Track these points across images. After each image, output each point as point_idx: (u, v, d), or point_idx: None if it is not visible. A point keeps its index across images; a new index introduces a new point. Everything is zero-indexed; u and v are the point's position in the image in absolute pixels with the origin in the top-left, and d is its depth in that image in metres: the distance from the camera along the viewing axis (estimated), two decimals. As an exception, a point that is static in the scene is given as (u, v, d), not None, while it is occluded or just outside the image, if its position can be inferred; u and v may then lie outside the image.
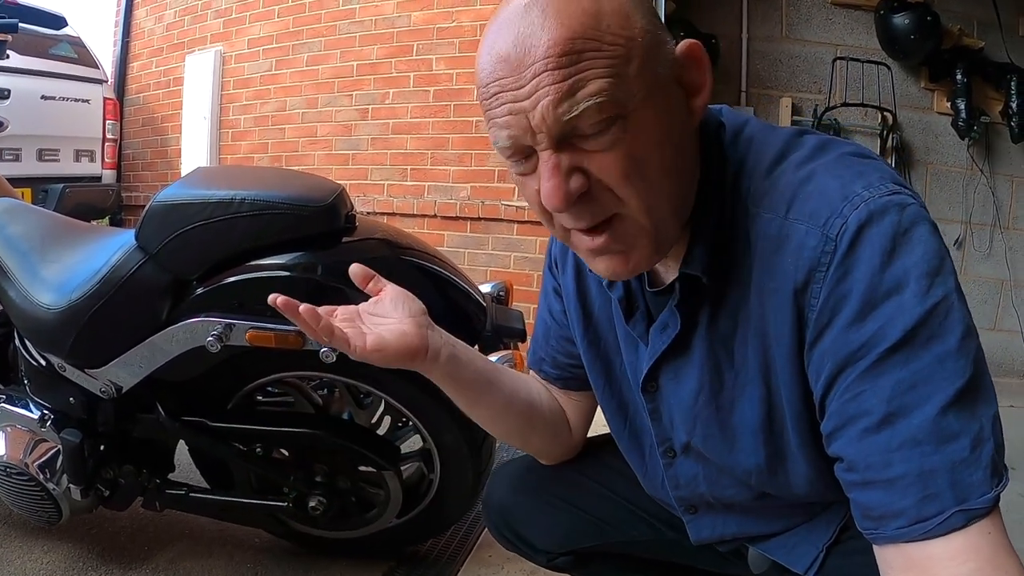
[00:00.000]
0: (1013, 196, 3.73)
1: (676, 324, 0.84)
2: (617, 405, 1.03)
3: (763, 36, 3.82)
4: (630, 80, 0.67)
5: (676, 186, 0.74)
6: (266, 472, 1.68)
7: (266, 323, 1.44)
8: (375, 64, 4.22)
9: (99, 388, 1.56)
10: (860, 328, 0.67)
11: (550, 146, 0.68)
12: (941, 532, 0.64)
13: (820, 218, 0.70)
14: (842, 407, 0.69)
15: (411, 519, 1.76)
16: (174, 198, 1.45)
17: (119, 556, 1.83)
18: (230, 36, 4.80)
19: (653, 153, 0.70)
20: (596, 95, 0.65)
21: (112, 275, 1.48)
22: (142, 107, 5.46)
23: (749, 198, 0.76)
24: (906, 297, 0.66)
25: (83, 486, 1.59)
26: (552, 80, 0.65)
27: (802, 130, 0.80)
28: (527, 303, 3.57)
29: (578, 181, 0.69)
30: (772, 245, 0.74)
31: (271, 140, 4.64)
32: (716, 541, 1.05)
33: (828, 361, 0.70)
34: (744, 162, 0.78)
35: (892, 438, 0.65)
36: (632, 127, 0.68)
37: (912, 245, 0.67)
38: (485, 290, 1.73)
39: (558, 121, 0.66)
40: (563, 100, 0.65)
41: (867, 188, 0.69)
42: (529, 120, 0.67)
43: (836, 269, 0.68)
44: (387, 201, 4.15)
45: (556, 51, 0.65)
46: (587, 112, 0.66)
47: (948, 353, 0.65)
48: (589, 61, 0.65)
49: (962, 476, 0.63)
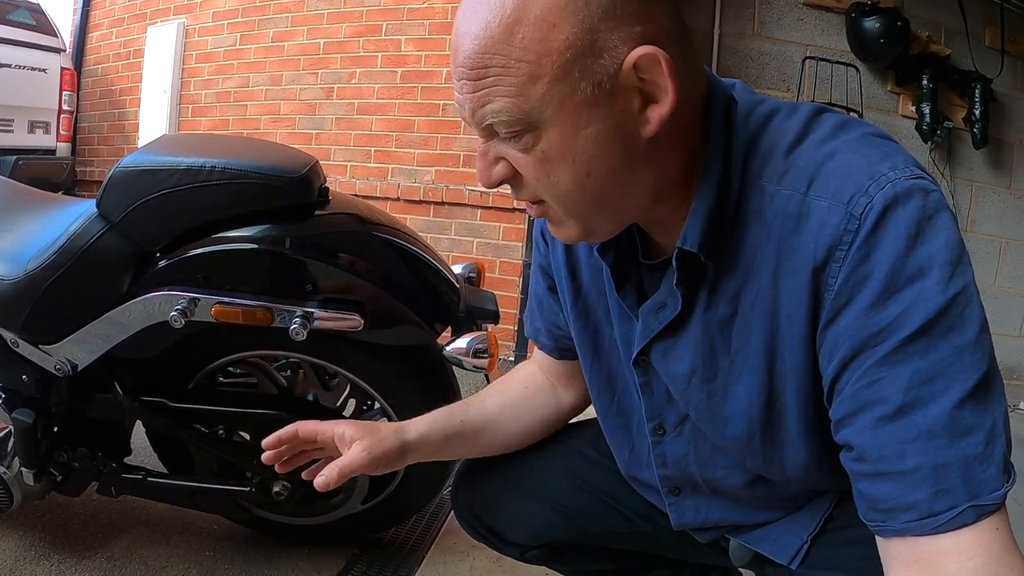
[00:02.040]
0: (972, 201, 3.80)
1: (676, 306, 0.82)
2: (605, 380, 1.01)
3: (735, 32, 3.83)
4: (535, 98, 0.67)
5: (604, 192, 0.73)
6: (228, 455, 1.62)
7: (233, 298, 1.39)
8: (342, 42, 4.16)
9: (54, 365, 1.48)
10: (880, 312, 0.65)
11: (480, 135, 0.74)
12: (952, 527, 0.63)
13: (844, 195, 0.68)
14: (856, 393, 0.68)
15: (376, 505, 1.72)
16: (139, 164, 1.39)
17: (73, 544, 1.76)
18: (194, 8, 4.68)
19: (565, 165, 0.71)
20: (498, 113, 0.69)
21: (71, 245, 1.40)
22: (100, 79, 5.30)
23: (765, 176, 0.74)
24: (928, 284, 0.64)
25: (35, 470, 1.52)
26: (467, 89, 0.69)
27: (820, 107, 0.78)
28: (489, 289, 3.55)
29: (502, 170, 0.75)
30: (791, 223, 0.71)
31: (232, 117, 4.55)
32: (698, 527, 1.03)
33: (844, 343, 0.68)
34: (758, 140, 0.76)
35: (908, 429, 0.64)
36: (543, 139, 0.70)
37: (936, 231, 0.65)
38: (457, 271, 1.70)
39: (477, 124, 0.72)
40: (476, 109, 0.70)
41: (893, 169, 0.67)
42: (463, 110, 0.72)
43: (859, 249, 0.66)
44: (350, 183, 4.09)
45: (468, 64, 0.68)
46: (495, 124, 0.70)
47: (967, 345, 0.64)
48: (494, 78, 0.67)
49: (975, 471, 0.63)
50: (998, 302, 3.79)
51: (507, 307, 3.63)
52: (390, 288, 1.44)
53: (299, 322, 1.37)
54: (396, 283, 1.46)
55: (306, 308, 1.38)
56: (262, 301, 1.39)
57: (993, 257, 3.83)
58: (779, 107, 0.79)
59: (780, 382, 0.78)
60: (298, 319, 1.37)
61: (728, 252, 0.77)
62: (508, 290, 3.69)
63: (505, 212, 3.71)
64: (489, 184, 0.76)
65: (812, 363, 0.74)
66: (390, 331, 1.45)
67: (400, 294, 1.45)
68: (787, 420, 0.80)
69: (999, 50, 3.59)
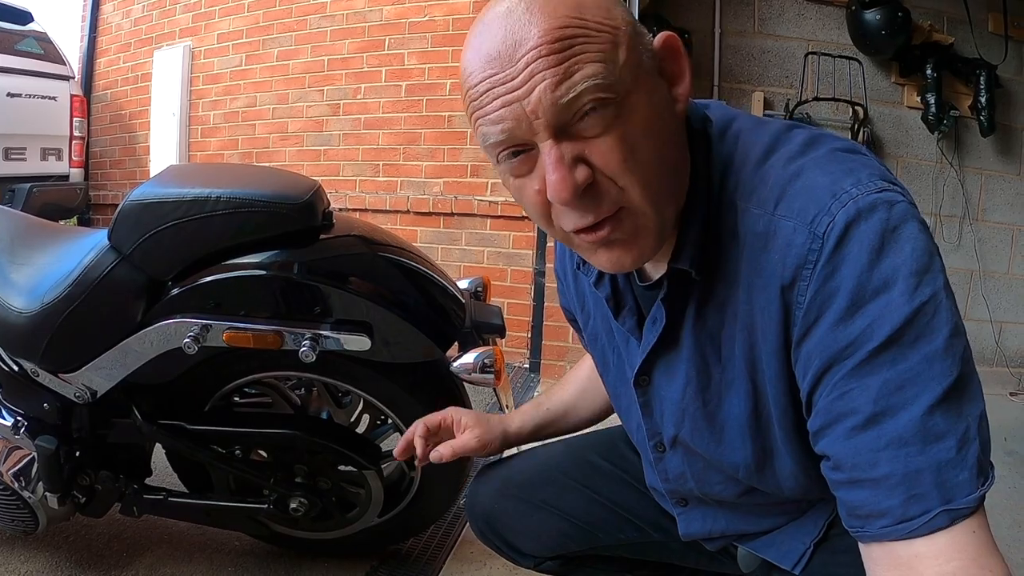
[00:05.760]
0: (982, 189, 3.79)
1: (662, 318, 0.84)
2: (617, 398, 1.05)
3: (735, 31, 3.83)
4: (619, 66, 0.68)
5: (670, 174, 0.75)
6: (245, 474, 1.65)
7: (243, 323, 1.42)
8: (346, 59, 4.19)
9: (74, 393, 1.52)
10: (848, 326, 0.67)
11: (550, 135, 0.68)
12: (925, 532, 0.64)
13: (808, 215, 0.69)
14: (829, 405, 0.69)
15: (392, 518, 1.75)
16: (147, 197, 1.42)
17: (98, 563, 1.80)
18: (199, 31, 4.73)
19: (647, 139, 0.70)
20: (592, 77, 0.66)
21: (85, 277, 1.44)
22: (110, 104, 5.36)
23: (737, 193, 0.76)
24: (894, 296, 0.65)
25: (59, 493, 1.56)
26: (547, 65, 0.65)
27: (792, 124, 0.80)
28: (501, 298, 3.57)
29: (583, 172, 0.69)
30: (759, 241, 0.73)
31: (241, 136, 4.58)
32: (705, 537, 1.05)
33: (815, 359, 0.70)
34: (732, 157, 0.78)
35: (879, 438, 0.65)
36: (625, 112, 0.68)
37: (901, 243, 0.66)
38: (463, 286, 1.72)
39: (555, 104, 0.66)
40: (560, 83, 0.66)
41: (856, 185, 0.69)
42: (524, 108, 0.67)
43: (823, 267, 0.68)
44: (359, 197, 4.12)
45: (548, 38, 0.65)
46: (584, 92, 0.66)
47: (935, 353, 0.65)
48: (581, 46, 0.66)
49: (948, 476, 0.64)
50: (1011, 290, 3.77)
51: (520, 315, 3.65)
52: (396, 307, 1.46)
53: (308, 344, 1.40)
54: (402, 302, 1.48)
55: (315, 331, 1.41)
56: (272, 325, 1.42)
57: (1005, 246, 3.81)
58: (750, 123, 0.81)
59: (762, 392, 0.81)
60: (308, 341, 1.40)
61: (713, 267, 0.79)
62: (520, 298, 3.71)
63: (515, 221, 3.73)
64: (574, 192, 0.68)
65: (788, 376, 0.76)
66: (398, 349, 1.47)
67: (406, 313, 1.47)
68: (772, 429, 0.82)
69: (1003, 36, 3.57)
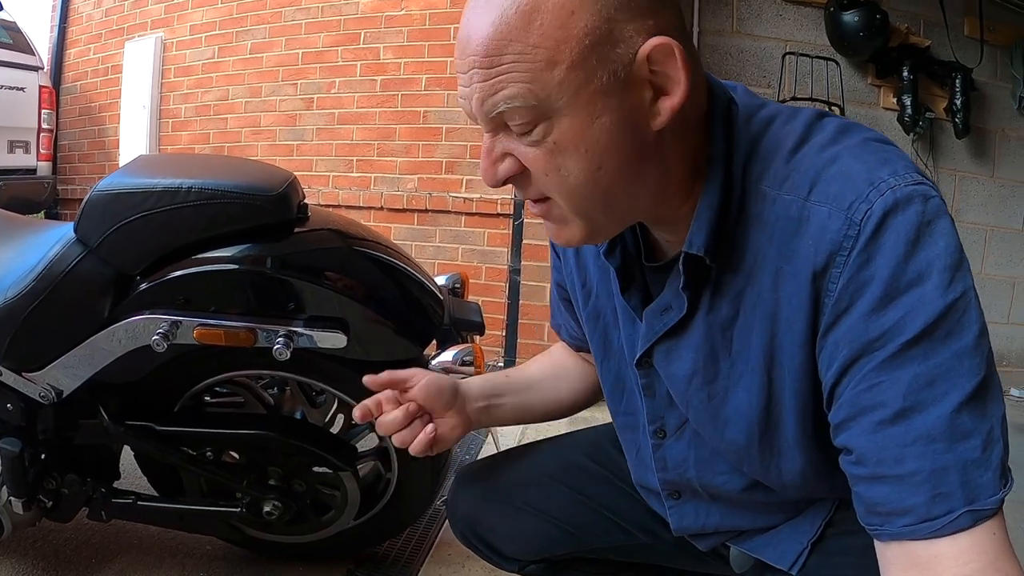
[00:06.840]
0: (956, 190, 3.82)
1: (681, 308, 0.82)
2: (614, 380, 1.02)
3: (713, 30, 3.83)
4: (551, 85, 0.66)
5: (619, 189, 0.73)
6: (217, 477, 1.61)
7: (215, 319, 1.38)
8: (321, 52, 4.13)
9: (38, 393, 1.46)
10: (880, 317, 0.66)
11: (487, 130, 0.73)
12: (949, 532, 0.63)
13: (844, 201, 0.68)
14: (856, 397, 0.68)
15: (369, 520, 1.71)
16: (115, 187, 1.37)
17: (65, 570, 1.74)
18: (171, 22, 4.65)
19: (580, 160, 0.69)
20: (511, 99, 0.67)
21: (49, 271, 1.39)
22: (79, 96, 5.25)
23: (766, 180, 0.74)
24: (928, 289, 0.65)
25: (25, 498, 1.50)
26: (479, 78, 0.68)
27: (822, 112, 0.79)
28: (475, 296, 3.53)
29: (508, 166, 0.73)
30: (791, 227, 0.72)
31: (213, 130, 4.51)
32: (698, 532, 1.03)
33: (844, 348, 0.69)
34: (758, 143, 0.76)
35: (907, 433, 0.65)
36: (556, 129, 0.69)
37: (935, 237, 0.66)
38: (441, 282, 1.69)
39: (483, 113, 0.70)
40: (486, 98, 0.68)
41: (893, 175, 0.68)
42: (470, 101, 0.71)
43: (859, 255, 0.67)
44: (333, 193, 4.07)
45: (481, 51, 0.67)
46: (507, 112, 0.68)
47: (966, 350, 0.65)
48: (510, 64, 0.66)
49: (973, 476, 0.63)
50: (985, 289, 3.79)
51: (494, 313, 3.62)
52: (373, 303, 1.43)
53: (282, 342, 1.36)
54: (379, 298, 1.45)
55: (289, 327, 1.37)
56: (244, 322, 1.38)
57: (979, 245, 3.85)
58: (780, 111, 0.79)
59: (778, 386, 0.79)
60: (281, 339, 1.36)
61: (730, 254, 0.77)
62: (494, 296, 3.68)
63: (490, 218, 3.70)
64: (494, 182, 0.74)
65: (810, 367, 0.75)
66: (375, 347, 1.43)
67: (384, 309, 1.44)
68: (784, 425, 0.81)
69: (978, 40, 3.60)
